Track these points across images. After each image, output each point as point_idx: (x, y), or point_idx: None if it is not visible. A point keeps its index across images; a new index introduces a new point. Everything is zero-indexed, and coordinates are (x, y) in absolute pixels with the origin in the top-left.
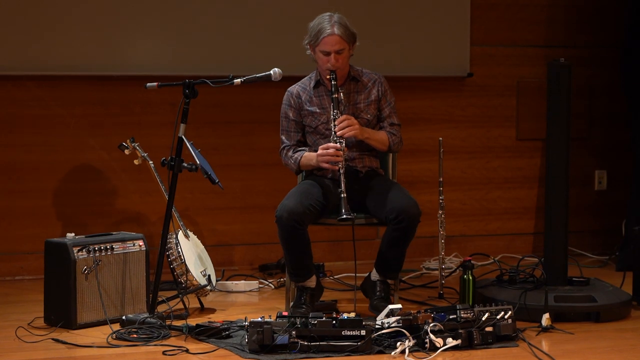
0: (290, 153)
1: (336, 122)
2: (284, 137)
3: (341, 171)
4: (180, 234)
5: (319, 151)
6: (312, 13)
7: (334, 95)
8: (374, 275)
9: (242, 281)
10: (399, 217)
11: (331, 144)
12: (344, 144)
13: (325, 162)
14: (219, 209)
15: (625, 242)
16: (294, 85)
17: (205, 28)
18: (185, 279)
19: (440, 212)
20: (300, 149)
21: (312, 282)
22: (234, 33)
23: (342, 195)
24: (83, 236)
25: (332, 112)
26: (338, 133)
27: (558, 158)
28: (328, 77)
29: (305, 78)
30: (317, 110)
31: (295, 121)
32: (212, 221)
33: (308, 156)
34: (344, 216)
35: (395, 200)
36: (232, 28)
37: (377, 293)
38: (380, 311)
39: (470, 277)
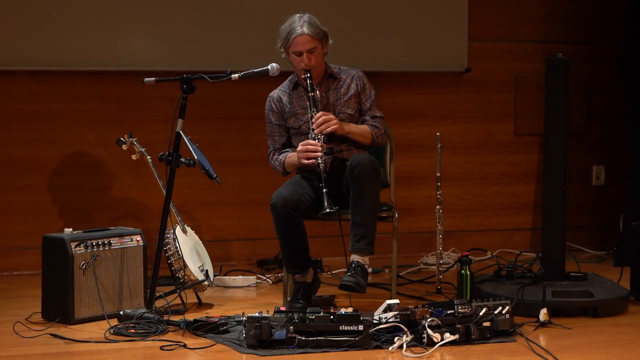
0: (276, 156)
1: (313, 120)
2: (269, 142)
3: (321, 167)
4: (178, 229)
5: (298, 147)
6: (309, 7)
7: (310, 94)
8: (350, 259)
9: (240, 276)
10: (351, 167)
11: (311, 143)
12: (322, 140)
13: (305, 159)
14: (217, 204)
15: (623, 238)
16: (274, 90)
17: (203, 23)
18: (182, 274)
19: (438, 207)
20: (284, 151)
21: (308, 276)
22: (231, 28)
23: (324, 190)
24: (81, 231)
25: (309, 111)
26: (316, 131)
27: (556, 153)
28: (303, 76)
29: (285, 82)
30: (298, 111)
31: (279, 125)
32: (209, 216)
33: (291, 156)
34: (327, 210)
35: (349, 161)
36: (229, 23)
37: (348, 273)
38: (347, 287)
39: (468, 272)
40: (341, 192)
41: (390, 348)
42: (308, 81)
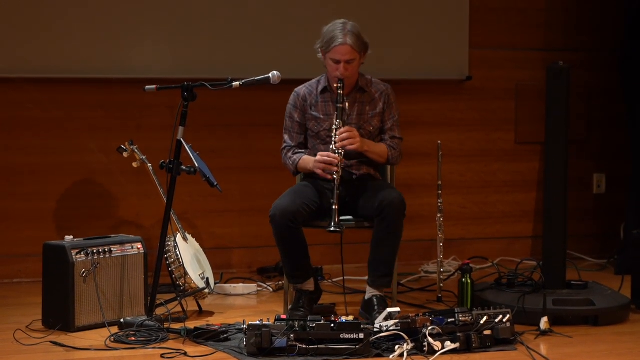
0: (290, 154)
1: (337, 133)
2: (286, 137)
3: (336, 183)
4: (179, 237)
5: (317, 157)
6: (311, 16)
7: (338, 104)
8: (368, 292)
9: (241, 284)
10: (381, 207)
11: (331, 154)
12: (342, 155)
13: (321, 170)
14: (218, 212)
15: (624, 246)
16: (301, 87)
17: (204, 31)
18: (183, 281)
19: (438, 215)
20: (299, 151)
21: (310, 285)
22: (232, 36)
23: (334, 207)
24: (81, 239)
25: (334, 122)
26: (337, 145)
27: (557, 161)
28: (336, 85)
29: (313, 81)
30: (321, 117)
31: (299, 123)
32: (210, 224)
33: (306, 159)
34: (332, 229)
35: (378, 193)
36: (231, 31)
37: (376, 309)
38: None
39: (469, 281)
40: (343, 202)
41: (391, 356)
42: (339, 91)
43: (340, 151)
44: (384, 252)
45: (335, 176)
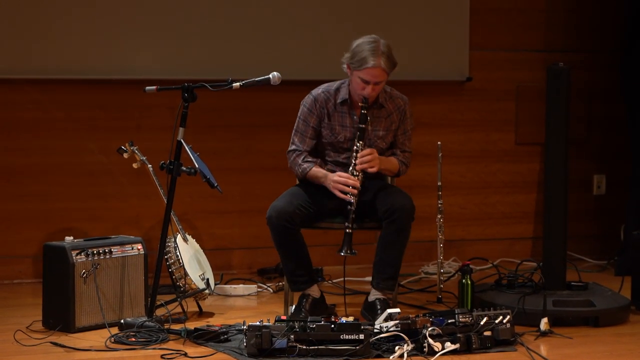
0: (299, 160)
1: (359, 155)
2: (296, 140)
3: (352, 207)
4: (179, 238)
5: (335, 178)
6: (312, 17)
7: (361, 125)
8: (372, 295)
9: (241, 285)
10: (391, 210)
11: (351, 179)
12: (361, 177)
13: (339, 191)
14: (218, 213)
15: (624, 247)
16: (318, 91)
17: (204, 32)
18: (183, 282)
19: (439, 216)
20: (309, 159)
21: (314, 292)
22: (233, 37)
23: (348, 230)
24: (82, 240)
25: (356, 143)
26: (358, 167)
27: (557, 162)
28: (360, 104)
29: (332, 86)
30: (336, 127)
31: (314, 128)
32: (210, 225)
33: (317, 173)
34: (342, 253)
35: (389, 196)
36: (231, 32)
37: (378, 312)
38: None
39: (469, 282)
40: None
41: (391, 357)
42: (362, 111)
43: (359, 174)
44: (391, 255)
45: (352, 200)
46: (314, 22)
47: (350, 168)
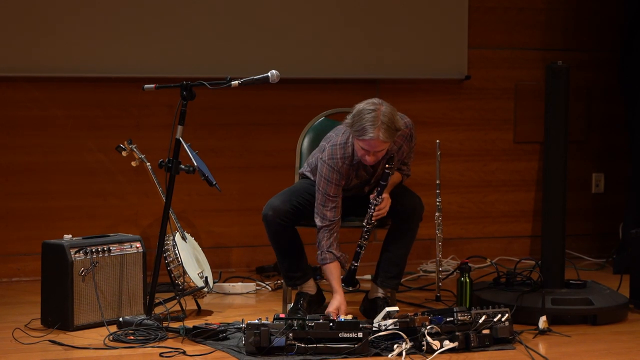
0: (325, 246)
1: (376, 208)
2: (325, 202)
3: (360, 257)
4: (178, 236)
5: (331, 309)
6: (311, 15)
7: (382, 182)
8: (373, 292)
9: (239, 283)
10: (401, 211)
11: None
12: (374, 225)
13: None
14: (216, 211)
15: (622, 245)
16: (337, 156)
17: (203, 30)
18: (182, 280)
19: (437, 214)
20: (333, 249)
21: (310, 288)
22: (231, 35)
23: (354, 267)
24: (80, 238)
25: (376, 198)
26: (374, 218)
27: (555, 161)
28: (387, 165)
29: (344, 149)
30: (351, 177)
31: (338, 196)
32: (209, 223)
33: (331, 277)
34: (342, 286)
35: (399, 197)
36: (230, 30)
37: (379, 310)
38: None
39: (468, 280)
40: (350, 199)
41: (389, 355)
42: (385, 171)
43: (374, 223)
44: (397, 254)
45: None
46: (313, 20)
47: (366, 217)
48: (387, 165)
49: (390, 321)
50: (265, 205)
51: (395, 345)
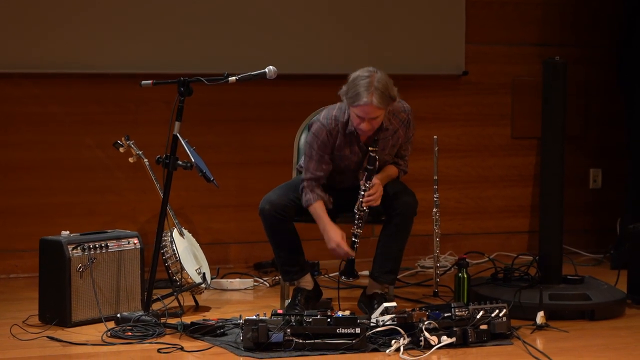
0: (307, 189)
1: (366, 194)
2: (311, 167)
3: (356, 246)
4: (175, 232)
5: (332, 245)
6: (308, 11)
7: (369, 167)
8: (370, 288)
9: (237, 279)
10: (395, 204)
11: (350, 253)
12: (366, 213)
13: (333, 253)
14: (214, 207)
15: (620, 241)
16: (327, 120)
17: (200, 26)
18: (180, 277)
19: (435, 210)
20: (318, 192)
21: (307, 283)
22: (229, 31)
23: (351, 258)
24: (78, 234)
25: (364, 183)
26: (364, 204)
27: (553, 156)
28: (371, 148)
29: (338, 114)
30: (344, 154)
31: (328, 157)
32: (207, 219)
33: (319, 213)
34: (343, 278)
35: (392, 192)
36: (227, 26)
37: (375, 307)
38: None
39: (465, 275)
40: (346, 196)
41: (387, 351)
42: (371, 154)
43: (365, 210)
44: (392, 249)
45: (352, 254)
46: (310, 16)
47: (357, 204)
48: (370, 149)
49: (388, 317)
50: (262, 200)
51: (393, 341)
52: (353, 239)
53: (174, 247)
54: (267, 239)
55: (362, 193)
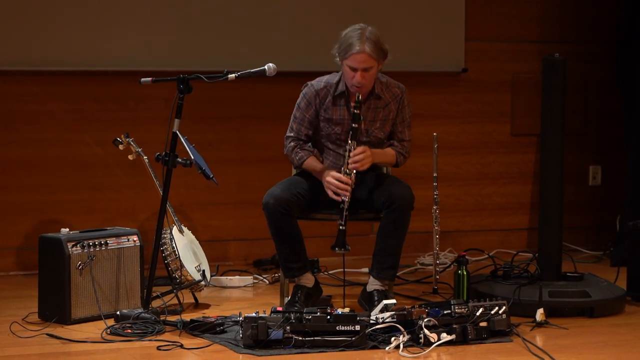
0: (297, 149)
1: (351, 154)
2: (294, 127)
3: (345, 205)
4: (175, 229)
5: (328, 178)
6: (307, 8)
7: (354, 125)
8: (370, 285)
9: (237, 276)
10: (391, 199)
11: (343, 178)
12: (354, 177)
13: (332, 192)
14: (214, 205)
15: (620, 238)
16: (318, 82)
17: (199, 23)
18: (179, 274)
19: (434, 207)
20: (306, 147)
21: (308, 280)
22: (228, 28)
23: (341, 227)
24: (77, 231)
25: (349, 142)
26: (350, 167)
27: (552, 153)
28: (353, 104)
29: (330, 78)
30: (334, 119)
31: (310, 119)
32: (206, 216)
33: (314, 165)
34: (336, 250)
35: (388, 187)
36: (226, 23)
37: (376, 304)
38: None
39: (465, 273)
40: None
41: (387, 348)
42: (355, 111)
43: (351, 172)
44: (390, 245)
45: (344, 199)
46: (309, 12)
47: (343, 167)
48: (353, 104)
49: (387, 314)
50: (265, 195)
51: (393, 338)
52: (341, 206)
53: (174, 245)
54: (268, 235)
55: (347, 154)
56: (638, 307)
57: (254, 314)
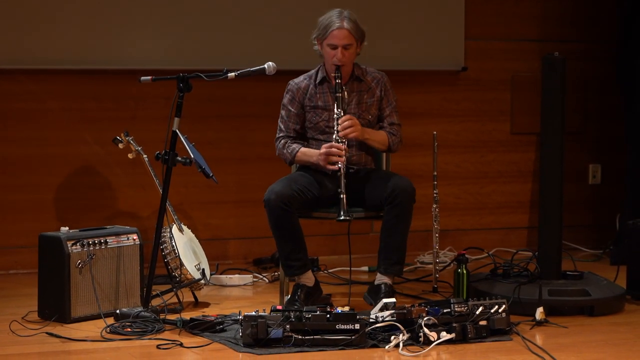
0: (288, 144)
1: (339, 122)
2: (282, 126)
3: (341, 171)
4: (175, 228)
5: (322, 150)
6: (307, 7)
7: (337, 94)
8: (378, 279)
9: (236, 275)
10: (393, 194)
11: (335, 144)
12: (346, 144)
13: (328, 163)
14: (213, 203)
15: (619, 236)
16: (299, 78)
17: (199, 22)
18: (179, 272)
19: (434, 206)
20: (297, 141)
21: (308, 279)
22: (228, 27)
23: (342, 195)
24: (77, 230)
25: (335, 111)
26: (340, 134)
27: (552, 152)
28: (333, 74)
29: (311, 72)
30: (319, 106)
31: (296, 113)
32: (206, 215)
33: (306, 152)
34: (342, 217)
35: (389, 182)
36: (226, 22)
37: (382, 295)
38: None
39: (465, 271)
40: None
41: (386, 347)
42: (337, 80)
43: (343, 140)
44: (395, 240)
45: (340, 165)
46: (309, 11)
47: (334, 136)
48: (334, 75)
49: (387, 312)
50: (266, 192)
51: (393, 337)
52: (337, 174)
53: (173, 243)
54: (268, 234)
55: (336, 123)
56: (638, 306)
57: (253, 313)
